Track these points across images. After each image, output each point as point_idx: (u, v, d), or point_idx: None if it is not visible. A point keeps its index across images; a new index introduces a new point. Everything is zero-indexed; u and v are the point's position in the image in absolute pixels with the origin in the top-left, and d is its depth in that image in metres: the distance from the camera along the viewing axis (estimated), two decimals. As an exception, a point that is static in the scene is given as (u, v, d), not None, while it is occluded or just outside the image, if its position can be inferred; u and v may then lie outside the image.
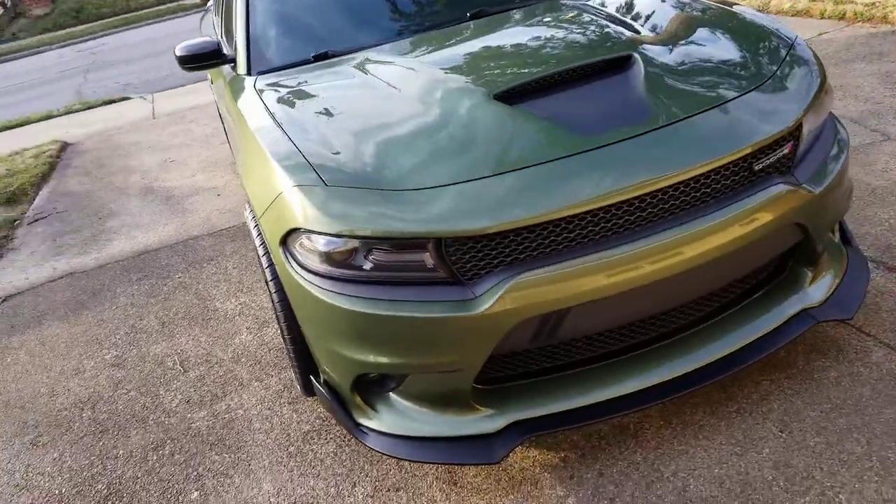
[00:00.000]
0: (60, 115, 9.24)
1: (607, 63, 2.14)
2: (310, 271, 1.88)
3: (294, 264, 1.93)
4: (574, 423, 1.93)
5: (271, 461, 2.29)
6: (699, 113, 1.89)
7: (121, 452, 2.49)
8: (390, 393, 2.02)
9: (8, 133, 8.84)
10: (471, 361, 1.82)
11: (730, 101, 1.94)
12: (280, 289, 2.11)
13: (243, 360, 2.89)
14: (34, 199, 5.88)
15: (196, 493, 2.23)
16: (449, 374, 1.87)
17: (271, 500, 2.13)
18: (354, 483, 2.13)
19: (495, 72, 2.26)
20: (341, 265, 1.83)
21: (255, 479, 2.23)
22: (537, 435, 1.92)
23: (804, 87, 2.04)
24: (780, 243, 2.02)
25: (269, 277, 2.17)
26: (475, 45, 2.58)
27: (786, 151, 1.94)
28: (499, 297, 1.72)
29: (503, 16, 2.88)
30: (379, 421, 2.00)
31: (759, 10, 6.68)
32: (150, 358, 3.06)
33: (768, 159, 1.91)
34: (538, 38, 2.53)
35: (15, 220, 5.39)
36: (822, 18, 5.78)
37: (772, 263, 2.13)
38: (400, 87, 2.28)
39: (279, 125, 2.22)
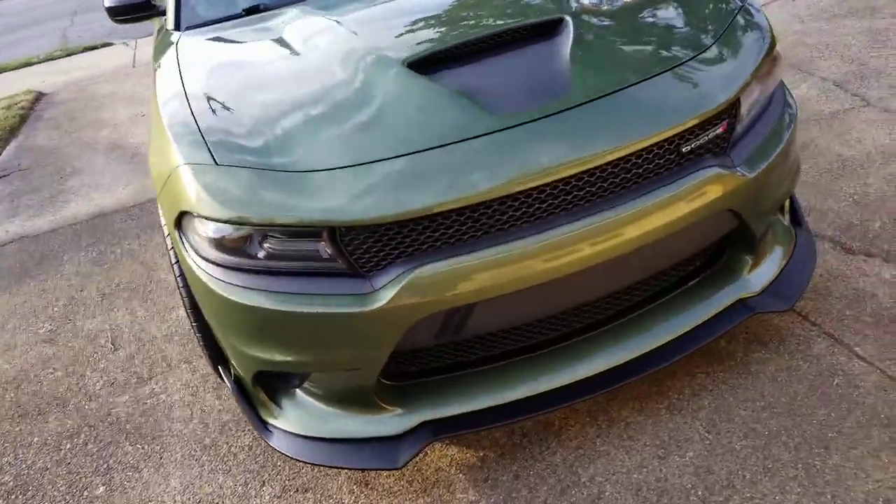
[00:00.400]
0: (40, 63, 9.00)
1: (535, 28, 1.94)
2: (203, 258, 1.74)
3: (189, 249, 1.79)
4: (490, 423, 1.81)
5: (184, 454, 2.20)
6: (623, 88, 1.71)
7: (35, 440, 2.41)
8: (296, 389, 1.90)
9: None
10: (371, 359, 1.69)
11: (659, 74, 1.75)
12: (182, 273, 1.98)
13: (176, 338, 2.78)
14: (0, 154, 5.73)
15: (102, 489, 2.14)
16: (351, 372, 1.74)
17: (176, 498, 2.05)
18: (264, 482, 2.03)
19: (416, 35, 2.06)
20: (234, 252, 1.68)
21: (164, 475, 2.14)
22: (449, 436, 1.81)
23: (745, 59, 1.83)
24: (713, 230, 1.86)
25: (172, 260, 2.04)
26: (401, 4, 2.37)
27: (719, 131, 1.76)
28: (398, 292, 1.57)
29: None
30: (284, 419, 1.89)
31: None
32: (83, 334, 2.96)
33: (698, 140, 1.72)
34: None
35: (-25, 179, 5.25)
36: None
37: (708, 250, 1.97)
38: (314, 51, 2.10)
39: (184, 91, 2.06)
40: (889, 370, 1.92)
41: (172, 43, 2.52)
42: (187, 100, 1.99)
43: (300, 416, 1.87)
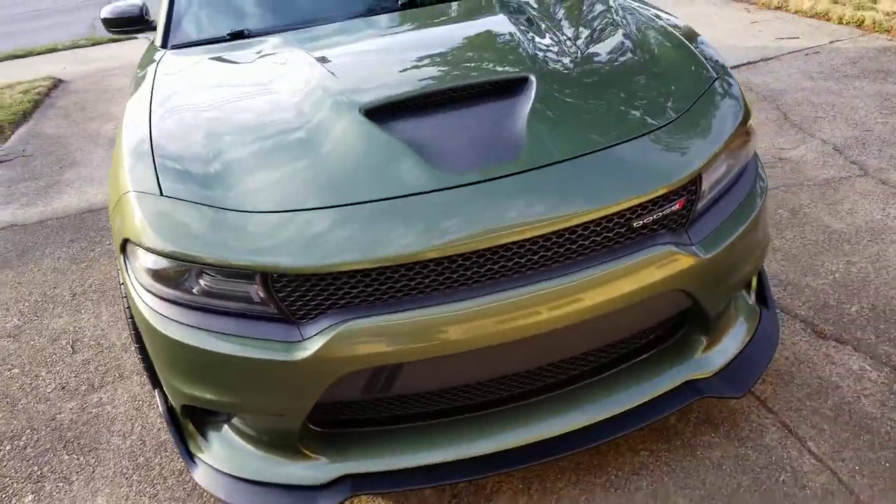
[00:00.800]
0: (65, 50, 9.12)
1: (499, 84, 1.90)
2: (142, 286, 1.73)
3: (131, 274, 1.77)
4: (418, 483, 1.74)
5: (116, 471, 2.16)
6: (576, 157, 1.65)
7: (-22, 438, 2.39)
8: (224, 425, 1.86)
9: (10, 63, 8.74)
10: (294, 407, 1.65)
11: (615, 145, 1.69)
12: (127, 295, 1.95)
13: (133, 348, 2.75)
14: (9, 139, 5.78)
15: (30, 497, 2.11)
16: (275, 417, 1.70)
17: (98, 518, 2.01)
18: (187, 511, 1.99)
19: (385, 78, 2.03)
20: (171, 285, 1.66)
21: (93, 490, 2.10)
22: (372, 493, 1.75)
23: (710, 135, 1.77)
24: (664, 308, 1.79)
25: (120, 280, 2.02)
26: (380, 42, 2.37)
27: (675, 208, 1.69)
28: (325, 344, 1.53)
29: (429, 9, 2.65)
30: (209, 453, 1.85)
31: (777, 9, 6.25)
32: (47, 332, 2.95)
33: (650, 216, 1.66)
34: (448, 40, 2.31)
35: (-21, 161, 5.30)
36: (839, 24, 5.36)
37: (660, 326, 1.90)
38: (283, 87, 2.07)
39: (149, 113, 2.05)
40: (840, 471, 1.84)
41: (154, 60, 2.51)
42: (150, 122, 1.99)
43: (225, 453, 1.83)
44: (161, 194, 1.70)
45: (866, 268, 2.60)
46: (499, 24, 2.39)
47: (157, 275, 1.67)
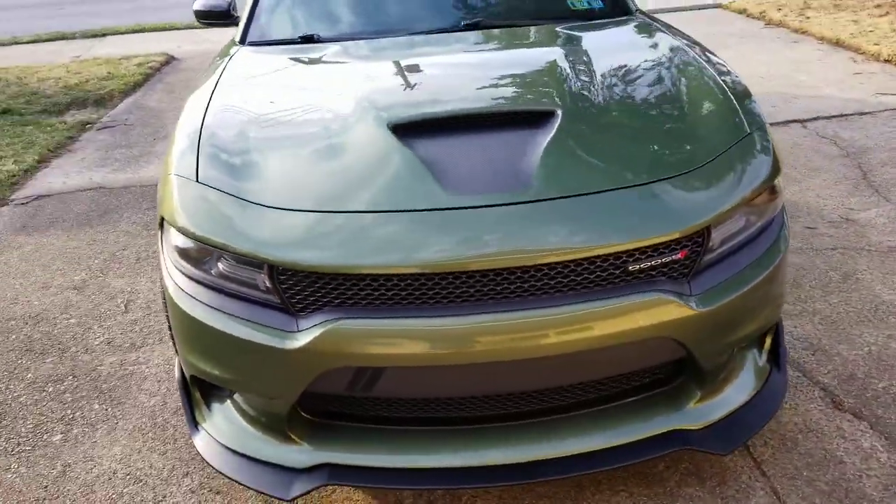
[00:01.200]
0: (182, 29, 9.73)
1: (526, 114, 1.96)
2: (170, 261, 1.89)
3: (164, 249, 1.94)
4: (392, 483, 1.83)
5: (136, 426, 2.35)
6: (581, 195, 1.69)
7: (29, 376, 2.64)
8: (227, 399, 2.00)
9: (131, 37, 9.42)
10: (282, 393, 1.76)
11: (624, 188, 1.71)
12: (160, 267, 2.13)
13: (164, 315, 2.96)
14: (116, 106, 6.26)
15: (59, 437, 2.33)
16: (265, 399, 1.82)
17: (112, 464, 2.19)
18: (188, 472, 2.14)
19: (418, 97, 2.14)
20: (193, 264, 1.81)
21: (113, 440, 2.29)
22: (347, 484, 1.84)
23: (726, 190, 1.75)
24: (653, 354, 1.79)
25: (157, 252, 2.20)
26: (431, 61, 2.47)
27: (676, 257, 1.69)
28: (315, 338, 1.63)
29: (490, 33, 2.73)
30: (210, 423, 1.98)
31: (887, 62, 5.94)
32: (107, 290, 3.21)
33: (648, 262, 1.67)
34: (496, 66, 2.38)
35: (87, 124, 5.77)
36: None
37: (656, 371, 1.89)
38: (331, 93, 2.21)
39: (209, 101, 2.23)
40: (819, 547, 1.78)
41: (230, 54, 2.71)
42: (206, 111, 2.16)
43: (223, 425, 1.96)
44: (197, 180, 1.85)
45: (907, 345, 2.47)
46: (550, 55, 2.44)
47: (184, 253, 1.82)
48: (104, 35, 9.63)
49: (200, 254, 1.79)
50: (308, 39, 2.78)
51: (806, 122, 4.76)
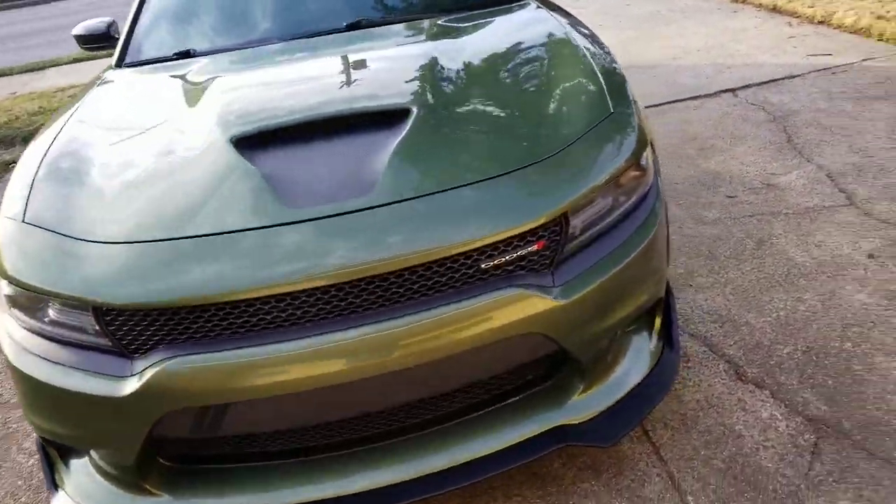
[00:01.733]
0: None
1: (379, 115, 1.88)
2: (6, 311, 1.78)
3: (3, 297, 1.81)
4: None
5: (9, 490, 2.26)
6: (428, 195, 1.61)
7: None
8: (85, 456, 1.84)
9: (85, 64, 9.17)
10: (123, 444, 1.65)
11: (474, 183, 1.64)
12: None
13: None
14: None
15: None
16: (111, 450, 1.71)
17: None
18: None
19: (270, 107, 2.07)
20: (28, 313, 1.70)
21: None
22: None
23: (582, 174, 1.68)
24: (523, 351, 1.71)
25: None
26: (294, 67, 2.42)
27: (533, 248, 1.62)
28: (147, 380, 1.53)
29: (366, 32, 2.66)
30: (70, 482, 1.84)
31: (820, 24, 5.90)
32: None
33: (502, 257, 1.59)
34: (360, 66, 2.31)
35: (11, 164, 5.64)
36: (879, 41, 5.00)
37: (532, 369, 1.81)
38: (179, 111, 2.15)
39: (57, 133, 2.15)
40: (711, 529, 1.71)
41: (100, 80, 2.64)
42: (51, 144, 2.06)
43: (84, 483, 1.81)
44: (23, 220, 1.76)
45: (815, 306, 2.40)
46: (420, 51, 2.38)
47: (15, 301, 1.71)
48: (43, 68, 9.31)
49: (30, 301, 1.68)
50: (184, 55, 2.70)
51: (737, 90, 4.70)
